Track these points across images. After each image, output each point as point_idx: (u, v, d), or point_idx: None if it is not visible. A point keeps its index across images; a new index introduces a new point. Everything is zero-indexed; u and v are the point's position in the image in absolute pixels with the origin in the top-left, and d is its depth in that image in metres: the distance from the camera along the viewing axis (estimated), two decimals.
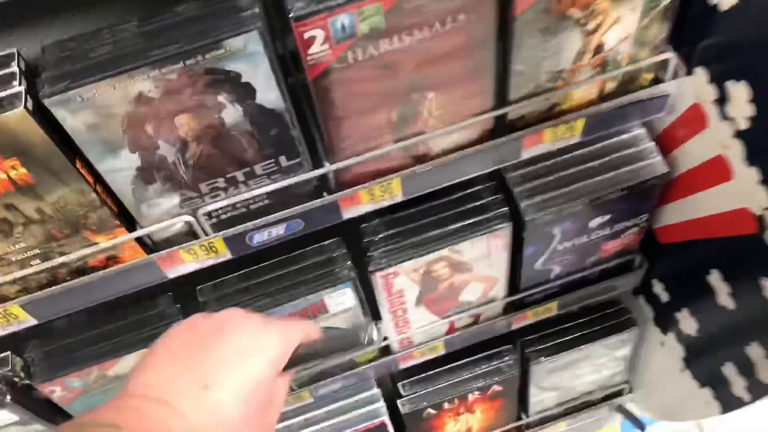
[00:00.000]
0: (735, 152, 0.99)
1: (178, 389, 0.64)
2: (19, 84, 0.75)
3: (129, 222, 0.95)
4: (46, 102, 0.74)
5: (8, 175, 0.79)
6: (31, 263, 0.93)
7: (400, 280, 1.16)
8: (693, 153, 1.11)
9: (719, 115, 0.99)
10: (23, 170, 0.79)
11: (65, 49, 0.78)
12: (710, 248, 1.17)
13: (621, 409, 1.72)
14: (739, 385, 1.23)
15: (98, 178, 0.86)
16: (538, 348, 1.48)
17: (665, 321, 1.44)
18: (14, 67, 0.76)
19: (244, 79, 0.80)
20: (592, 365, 1.57)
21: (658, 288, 1.41)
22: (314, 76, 0.82)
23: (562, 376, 1.56)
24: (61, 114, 0.76)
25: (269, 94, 0.83)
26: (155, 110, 0.80)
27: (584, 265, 1.34)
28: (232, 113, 0.83)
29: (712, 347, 1.29)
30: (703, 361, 1.36)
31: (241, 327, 0.70)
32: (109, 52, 0.76)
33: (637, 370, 1.66)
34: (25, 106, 0.72)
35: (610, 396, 1.73)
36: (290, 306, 1.13)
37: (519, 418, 1.69)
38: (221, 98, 0.81)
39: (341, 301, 1.15)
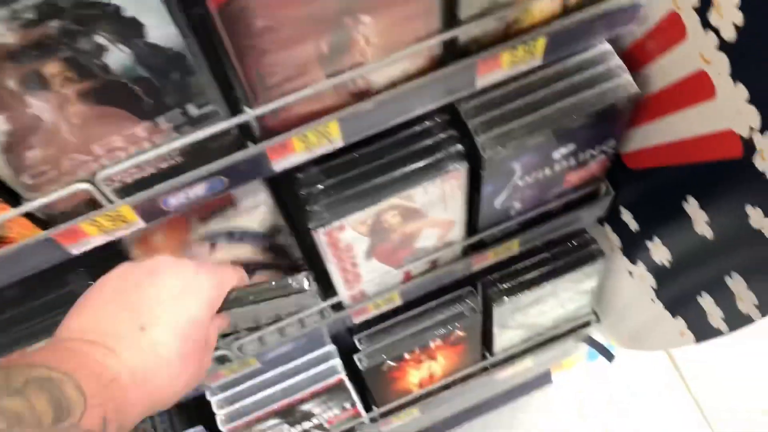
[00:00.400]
0: (719, 67, 0.86)
1: (113, 331, 0.63)
2: None
3: (12, 196, 0.78)
4: None
5: None
6: None
7: (347, 234, 1.03)
8: (668, 69, 0.98)
9: (701, 24, 0.86)
10: None
11: None
12: (687, 174, 1.06)
13: (588, 339, 1.66)
14: (715, 316, 1.15)
15: None
16: (500, 288, 1.38)
17: (634, 250, 1.35)
18: None
19: (126, 13, 0.63)
20: (558, 300, 1.48)
21: (627, 216, 1.31)
22: (219, 4, 0.66)
23: (527, 314, 1.47)
24: None
25: (163, 29, 0.66)
26: (16, 59, 0.62)
27: (546, 198, 1.22)
28: (116, 56, 0.66)
29: (687, 277, 1.21)
30: (677, 291, 1.27)
31: (174, 270, 0.70)
32: None
33: (604, 300, 1.58)
34: None
35: (576, 328, 1.65)
36: None
37: (483, 358, 1.61)
38: (100, 39, 0.64)
39: None
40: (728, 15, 0.80)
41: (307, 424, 1.44)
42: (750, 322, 1.07)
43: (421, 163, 0.99)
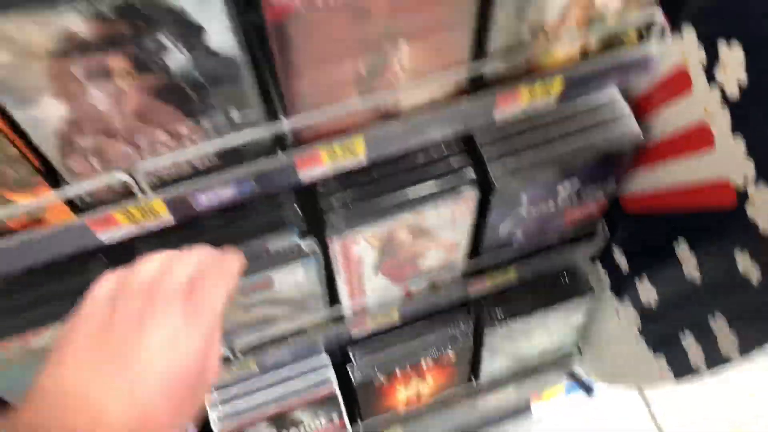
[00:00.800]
0: (720, 120, 0.93)
1: (99, 394, 0.57)
2: None
3: (55, 180, 0.83)
4: None
5: None
6: None
7: (360, 247, 1.08)
8: (671, 119, 1.05)
9: (706, 80, 0.93)
10: None
11: None
12: (681, 219, 1.12)
13: (570, 374, 1.71)
14: (696, 355, 1.21)
15: (17, 129, 0.74)
16: (493, 315, 1.43)
17: (623, 289, 1.41)
18: None
19: (190, 17, 0.68)
20: (546, 332, 1.53)
21: (619, 256, 1.37)
22: (275, 20, 0.71)
23: (516, 342, 1.52)
24: None
25: (222, 36, 0.71)
26: (85, 51, 0.67)
27: (546, 232, 1.29)
28: (175, 56, 0.71)
29: (672, 317, 1.27)
30: (660, 329, 1.33)
31: (163, 319, 0.62)
32: None
33: (588, 335, 1.64)
34: None
35: (559, 359, 1.71)
36: None
37: (469, 381, 1.66)
38: (164, 39, 0.69)
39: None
40: (734, 71, 0.87)
41: None
42: (728, 362, 1.13)
43: (435, 186, 1.05)
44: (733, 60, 0.86)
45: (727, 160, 0.95)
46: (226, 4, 0.68)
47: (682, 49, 0.96)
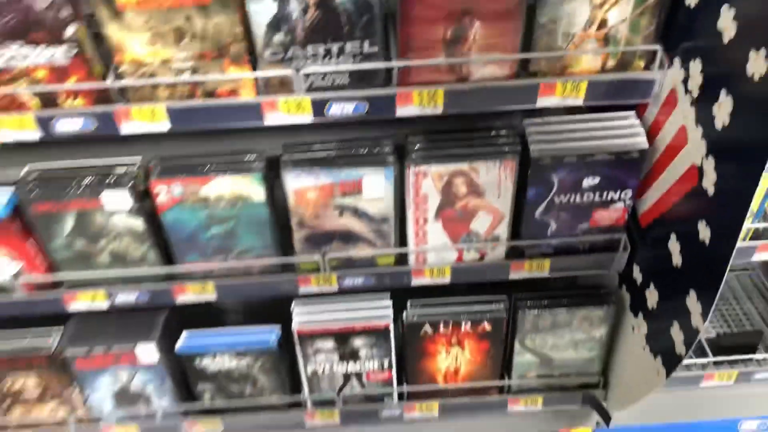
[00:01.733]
0: (689, 118, 1.33)
1: None
2: None
3: (253, 65, 1.37)
4: None
5: None
6: (183, 73, 1.35)
7: (427, 182, 1.52)
8: (666, 134, 1.45)
9: (684, 91, 1.34)
10: None
11: None
12: (670, 215, 1.47)
13: (590, 399, 1.94)
14: (679, 341, 1.49)
15: (245, 17, 1.29)
16: (527, 300, 1.78)
17: (637, 303, 1.71)
18: None
19: None
20: (571, 336, 1.83)
21: (636, 272, 1.70)
22: None
23: (545, 340, 1.83)
24: None
25: None
26: None
27: (576, 230, 1.65)
28: None
29: (665, 313, 1.56)
30: (657, 330, 1.61)
31: None
32: None
33: (609, 362, 1.91)
34: None
35: (584, 386, 1.96)
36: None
37: (502, 377, 1.94)
38: None
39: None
40: (696, 78, 1.29)
41: (351, 367, 1.83)
42: (696, 335, 1.41)
43: (488, 146, 1.50)
44: (694, 70, 1.28)
45: (693, 147, 1.32)
46: None
47: (673, 75, 1.38)
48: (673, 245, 1.47)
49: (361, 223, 1.60)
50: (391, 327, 1.76)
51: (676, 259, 1.47)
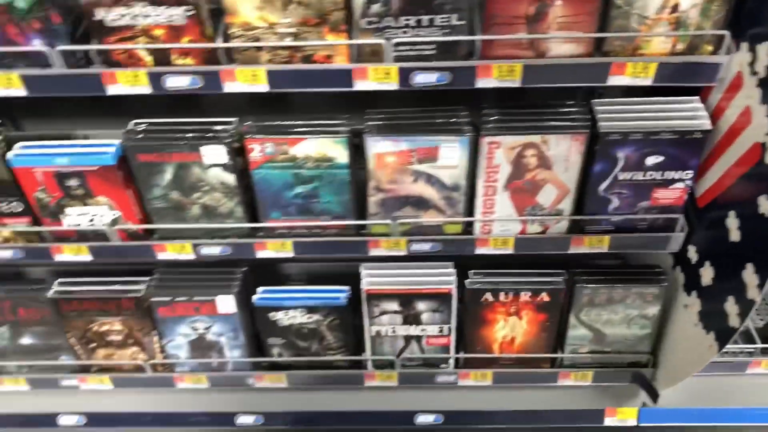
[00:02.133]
0: (755, 99, 1.42)
1: None
2: None
3: (348, 33, 1.50)
4: None
5: None
6: (285, 38, 1.49)
7: (499, 153, 1.63)
8: (730, 116, 1.54)
9: (750, 72, 1.43)
10: None
11: None
12: (730, 193, 1.56)
13: (638, 375, 2.02)
14: (733, 314, 1.57)
15: None
16: (585, 272, 1.88)
17: (691, 281, 1.79)
18: None
19: None
20: (625, 315, 1.91)
21: (691, 251, 1.78)
22: None
23: (600, 315, 1.91)
24: None
25: None
26: None
27: (636, 208, 1.74)
28: None
29: (720, 289, 1.64)
30: (712, 306, 1.69)
31: None
32: None
33: (660, 341, 1.98)
34: None
35: (633, 364, 2.04)
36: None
37: (554, 351, 2.04)
38: None
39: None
40: (763, 60, 1.38)
41: (413, 330, 1.94)
42: (752, 306, 1.49)
43: (560, 122, 1.60)
44: (762, 53, 1.37)
45: (758, 126, 1.41)
46: None
47: (740, 59, 1.47)
48: (732, 222, 1.56)
49: (433, 189, 1.72)
50: (454, 292, 1.87)
51: (734, 236, 1.55)
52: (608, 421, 2.18)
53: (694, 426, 2.16)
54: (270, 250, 1.86)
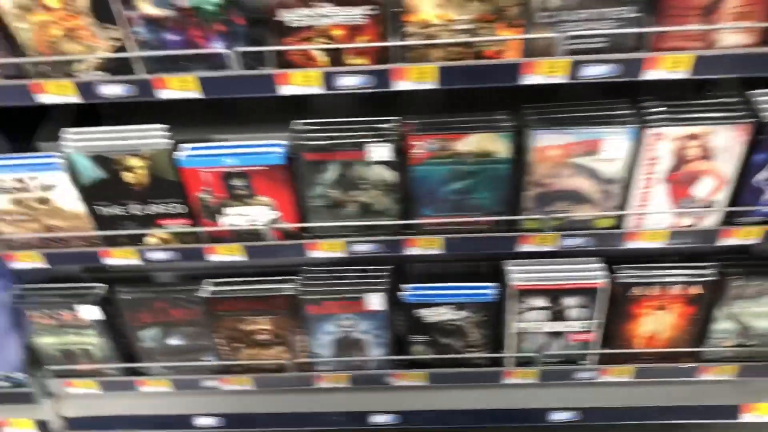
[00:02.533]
0: None
1: None
2: None
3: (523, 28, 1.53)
4: None
5: None
6: (459, 35, 1.52)
7: (662, 144, 1.64)
8: None
9: None
10: None
11: None
12: None
13: None
14: None
15: None
16: (734, 267, 1.87)
17: None
18: None
19: None
20: None
21: None
22: None
23: (747, 305, 1.91)
24: None
25: None
26: None
27: None
28: None
29: None
30: None
31: None
32: None
33: None
34: None
35: None
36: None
37: (698, 345, 2.03)
38: None
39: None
40: None
41: (558, 326, 1.95)
42: None
43: (724, 113, 1.62)
44: None
45: None
46: None
47: None
48: None
49: (591, 182, 1.73)
50: (603, 287, 1.88)
51: None
52: (745, 417, 2.16)
53: None
54: (419, 247, 1.88)
